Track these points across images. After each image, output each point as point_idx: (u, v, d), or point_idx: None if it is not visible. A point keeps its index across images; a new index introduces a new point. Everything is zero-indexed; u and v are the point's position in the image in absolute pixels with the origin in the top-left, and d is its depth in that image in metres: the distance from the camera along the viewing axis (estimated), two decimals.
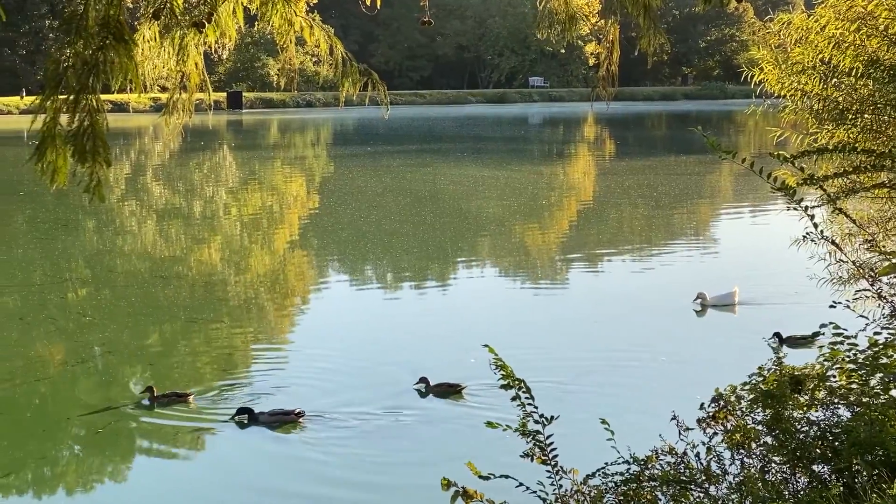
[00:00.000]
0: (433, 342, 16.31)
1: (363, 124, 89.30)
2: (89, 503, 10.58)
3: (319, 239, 28.04)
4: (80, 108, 6.72)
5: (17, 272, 22.24)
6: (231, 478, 11.00)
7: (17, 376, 14.25)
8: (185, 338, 16.89)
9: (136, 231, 29.35)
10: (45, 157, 6.77)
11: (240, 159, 55.96)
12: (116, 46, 6.62)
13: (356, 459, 11.42)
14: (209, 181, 44.24)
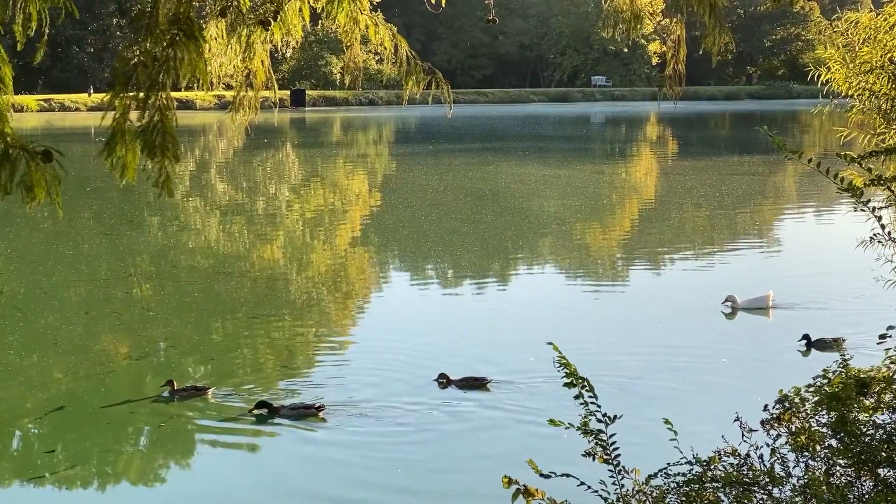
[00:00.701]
0: (492, 341, 16.27)
1: (425, 122, 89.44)
2: (151, 496, 10.68)
3: (380, 237, 28.13)
4: (151, 104, 6.80)
5: (84, 267, 22.56)
6: (289, 474, 11.06)
7: (82, 370, 14.45)
8: (246, 333, 17.02)
9: (200, 227, 29.65)
10: (114, 153, 6.86)
11: (302, 157, 56.33)
12: (186, 43, 6.69)
13: (410, 458, 11.43)
14: (272, 178, 44.57)
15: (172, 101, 6.84)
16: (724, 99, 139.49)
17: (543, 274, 22.76)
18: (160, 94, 6.77)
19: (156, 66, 6.73)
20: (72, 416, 12.55)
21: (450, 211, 32.40)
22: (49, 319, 17.53)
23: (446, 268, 23.63)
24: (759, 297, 18.19)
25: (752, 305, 18.07)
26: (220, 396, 13.32)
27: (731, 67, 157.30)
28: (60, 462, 11.22)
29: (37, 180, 6.38)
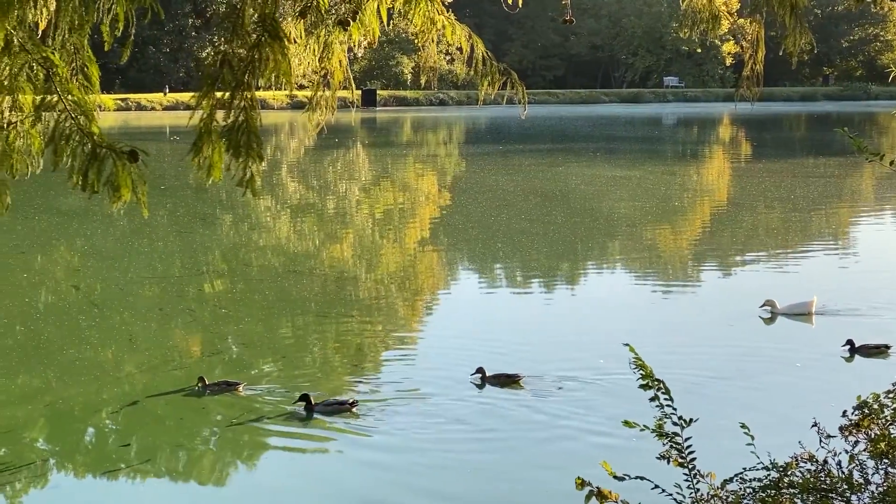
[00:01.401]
0: (561, 341, 16.20)
1: (495, 123, 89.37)
2: (221, 492, 10.77)
3: (449, 237, 28.14)
4: (236, 104, 6.87)
5: (158, 264, 22.84)
6: (352, 476, 11.08)
7: (156, 365, 14.63)
8: (316, 331, 17.12)
9: (271, 226, 29.89)
10: (201, 153, 6.95)
11: (373, 156, 56.57)
12: (272, 44, 6.76)
13: (478, 458, 11.41)
14: (342, 178, 44.82)
15: (257, 101, 6.92)
16: (799, 100, 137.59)
17: (613, 275, 22.61)
18: (245, 95, 6.85)
19: (242, 66, 6.81)
20: (145, 411, 12.70)
21: (519, 211, 32.32)
22: (124, 316, 17.78)
23: (515, 268, 23.58)
24: (800, 303, 17.86)
25: (792, 311, 17.74)
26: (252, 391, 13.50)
27: (808, 68, 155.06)
28: (134, 456, 11.36)
29: (123, 180, 6.48)
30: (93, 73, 6.79)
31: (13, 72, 6.39)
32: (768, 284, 20.56)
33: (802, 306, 17.78)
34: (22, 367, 14.45)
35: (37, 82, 6.51)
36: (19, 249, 24.18)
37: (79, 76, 6.69)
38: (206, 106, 6.95)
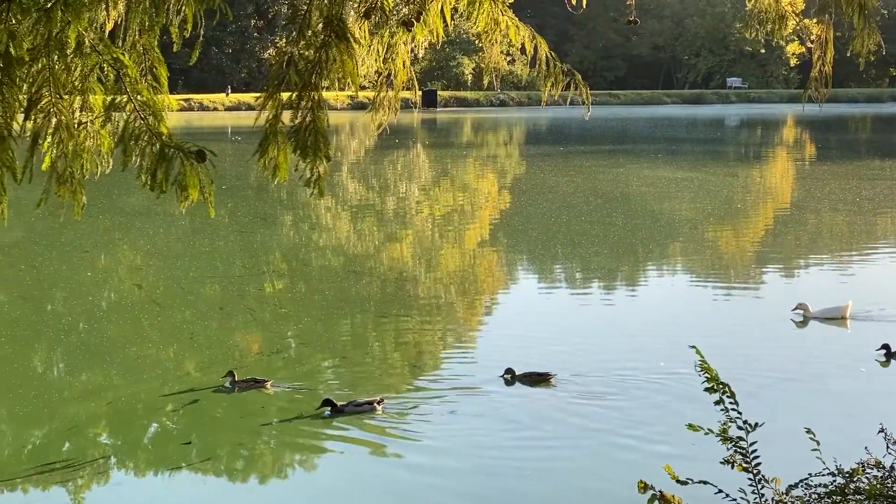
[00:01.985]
0: (621, 344, 16.09)
1: (556, 124, 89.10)
2: (280, 491, 10.79)
3: (509, 237, 28.08)
4: (303, 105, 6.90)
5: (219, 264, 23.03)
6: (409, 475, 11.06)
7: (216, 364, 14.72)
8: (375, 332, 17.15)
9: (331, 226, 30.03)
10: (267, 153, 6.99)
11: (433, 157, 56.64)
12: (338, 44, 6.78)
13: (535, 459, 11.35)
14: (402, 178, 44.92)
15: (324, 101, 6.94)
16: (865, 101, 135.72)
17: (673, 277, 22.43)
18: (313, 95, 6.88)
19: (309, 67, 6.84)
20: (206, 410, 12.79)
21: (579, 213, 32.18)
22: (185, 314, 17.94)
23: (574, 269, 23.46)
24: (834, 307, 17.61)
25: (825, 315, 17.50)
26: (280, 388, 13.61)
27: (874, 69, 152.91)
28: (195, 454, 11.44)
29: (191, 180, 6.53)
30: (161, 73, 6.86)
31: (84, 72, 6.46)
32: (831, 287, 20.27)
33: (836, 310, 17.57)
34: (85, 364, 14.62)
35: (107, 83, 6.58)
36: (83, 248, 24.50)
37: (148, 77, 6.76)
38: (272, 107, 7.00)
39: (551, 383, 13.83)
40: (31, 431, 12.15)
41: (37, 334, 16.70)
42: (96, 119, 6.61)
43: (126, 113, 6.58)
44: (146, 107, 6.57)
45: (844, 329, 17.14)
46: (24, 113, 6.37)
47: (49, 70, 6.34)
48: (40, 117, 6.40)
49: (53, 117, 6.41)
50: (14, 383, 13.78)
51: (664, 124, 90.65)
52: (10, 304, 18.48)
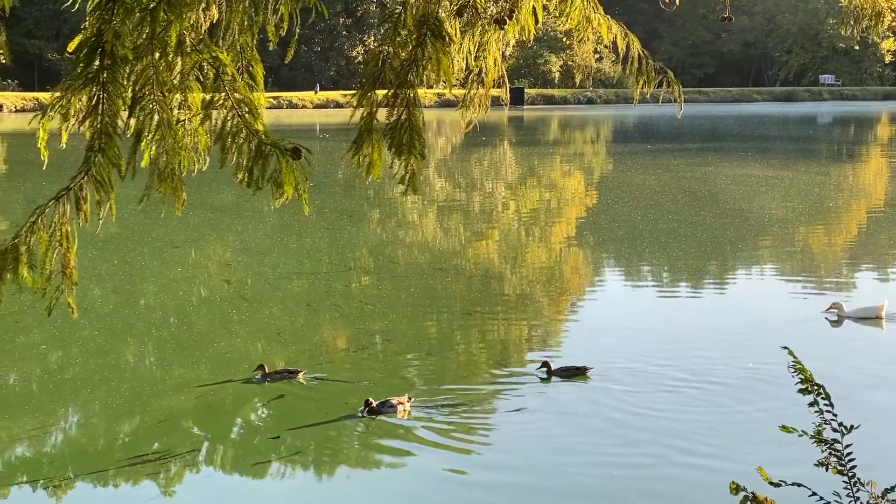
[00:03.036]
0: (709, 344, 15.91)
1: (644, 121, 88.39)
2: (367, 487, 10.84)
3: (595, 236, 27.93)
4: (399, 102, 6.96)
5: (306, 260, 23.27)
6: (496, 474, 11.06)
7: (303, 360, 14.88)
8: (461, 329, 17.19)
9: (418, 223, 30.15)
10: (361, 151, 7.06)
11: (519, 155, 56.58)
12: (434, 42, 6.82)
13: (624, 460, 11.27)
14: (489, 176, 44.93)
15: (419, 99, 6.99)
16: None
17: (762, 277, 22.12)
18: (408, 92, 6.93)
19: (404, 65, 6.90)
20: (294, 404, 12.92)
21: (666, 211, 31.89)
22: (273, 310, 18.15)
23: (662, 269, 23.26)
24: (869, 307, 17.41)
25: (860, 315, 17.30)
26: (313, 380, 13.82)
27: None
28: (283, 449, 11.55)
29: (286, 177, 6.62)
30: (258, 71, 6.97)
31: (185, 71, 6.59)
32: None
33: (871, 310, 17.36)
34: (176, 358, 14.87)
35: (206, 81, 6.69)
36: (174, 244, 24.92)
37: (244, 75, 6.86)
38: (367, 104, 7.06)
39: (587, 377, 13.87)
40: (123, 423, 12.39)
41: (129, 328, 17.04)
42: (194, 117, 6.73)
43: (224, 111, 6.69)
44: (243, 104, 6.67)
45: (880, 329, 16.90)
46: (128, 110, 6.51)
47: (152, 68, 6.47)
48: (143, 115, 6.54)
49: (155, 115, 6.53)
50: (107, 376, 14.07)
51: (754, 122, 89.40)
52: (103, 299, 18.86)
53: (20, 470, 11.06)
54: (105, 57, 6.33)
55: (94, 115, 6.43)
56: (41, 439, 11.86)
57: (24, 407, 12.93)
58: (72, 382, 14.02)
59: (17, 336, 16.26)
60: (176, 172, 6.68)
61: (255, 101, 6.74)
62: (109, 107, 6.43)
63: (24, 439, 11.83)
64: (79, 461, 11.21)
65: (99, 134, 6.46)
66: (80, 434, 12.17)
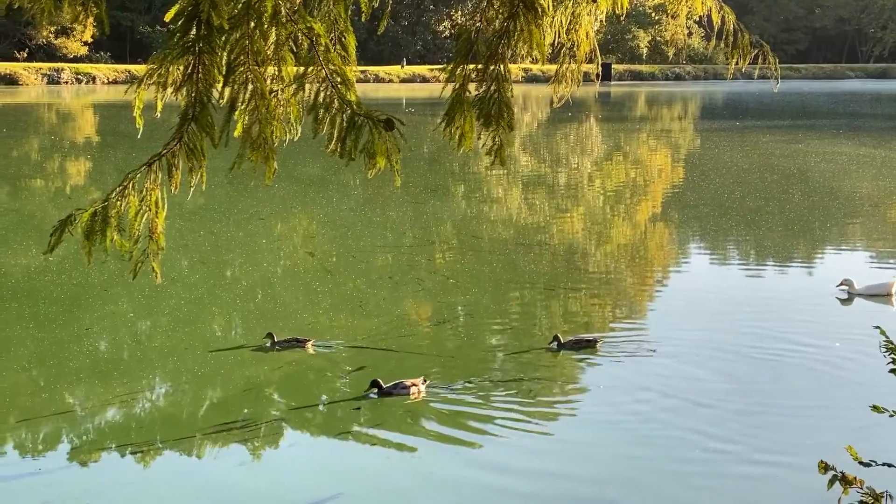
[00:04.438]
0: (796, 324, 15.66)
1: (732, 98, 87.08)
2: (447, 461, 10.84)
3: (680, 213, 27.64)
4: (489, 75, 6.97)
5: (389, 234, 23.38)
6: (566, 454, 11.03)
7: (385, 332, 14.97)
8: (543, 305, 17.14)
9: (502, 198, 30.09)
10: (453, 123, 7.07)
11: (605, 131, 56.15)
12: (526, 14, 6.79)
13: (711, 440, 11.17)
14: (574, 152, 44.69)
15: (510, 72, 6.98)
16: None
17: (852, 257, 21.70)
18: (499, 65, 6.92)
19: (496, 37, 6.89)
20: (374, 376, 13.00)
21: (754, 189, 31.44)
22: (356, 283, 18.27)
23: (748, 247, 22.94)
24: (879, 284, 17.26)
25: (870, 291, 17.13)
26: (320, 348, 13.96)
27: None
28: (364, 419, 11.63)
29: (379, 148, 6.65)
30: (350, 43, 6.99)
31: (279, 41, 6.65)
32: None
33: (882, 287, 17.17)
34: (260, 328, 15.05)
35: (300, 51, 6.74)
36: (259, 216, 25.19)
37: (337, 46, 6.88)
38: (459, 77, 7.06)
39: (597, 349, 13.92)
40: (208, 391, 12.59)
41: (214, 298, 17.28)
42: (287, 88, 6.78)
43: (318, 82, 6.72)
44: (336, 75, 6.70)
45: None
46: (223, 79, 6.58)
47: (247, 38, 6.53)
48: (237, 84, 6.60)
49: (249, 84, 6.60)
50: (193, 344, 14.30)
51: (846, 99, 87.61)
52: (190, 269, 19.15)
53: (110, 435, 11.31)
54: (201, 26, 6.41)
55: (189, 84, 6.52)
56: (130, 405, 12.10)
57: (114, 373, 13.19)
58: (159, 350, 14.27)
59: (106, 305, 16.59)
60: (268, 142, 6.74)
61: (347, 72, 6.77)
62: (204, 76, 6.52)
63: (113, 405, 12.08)
64: (166, 427, 11.42)
65: (193, 102, 6.55)
66: (167, 401, 12.39)
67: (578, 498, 9.77)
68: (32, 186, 32.60)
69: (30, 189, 31.99)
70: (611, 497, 9.76)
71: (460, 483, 10.07)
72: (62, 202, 28.66)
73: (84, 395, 12.42)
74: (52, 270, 18.55)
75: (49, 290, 17.21)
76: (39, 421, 11.51)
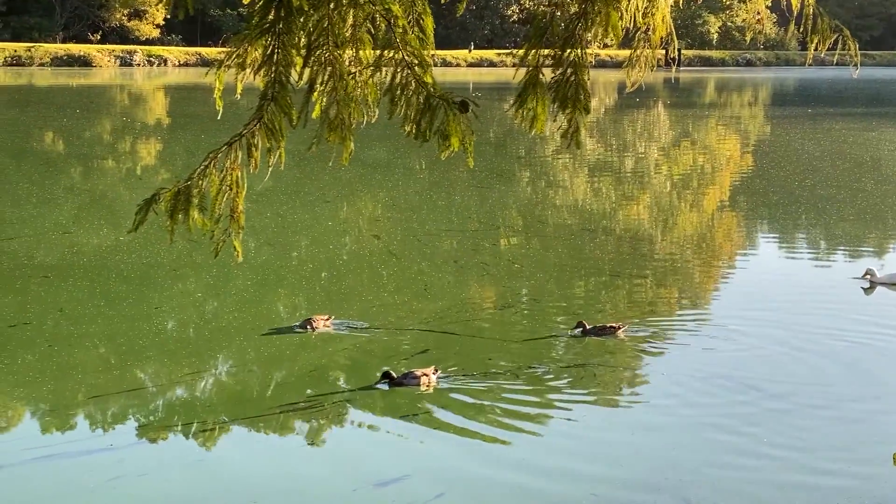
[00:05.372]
0: (867, 314, 15.43)
1: (804, 85, 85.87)
2: (520, 446, 10.83)
3: (749, 201, 27.34)
4: (564, 59, 6.94)
5: (455, 218, 23.39)
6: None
7: (449, 316, 14.99)
8: (608, 291, 17.06)
9: (568, 184, 29.97)
10: (526, 104, 7.06)
11: (673, 117, 55.66)
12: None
13: (780, 432, 11.05)
14: (642, 138, 44.36)
15: (587, 55, 6.94)
16: None
17: None
18: (576, 50, 6.89)
19: (573, 20, 6.86)
20: (437, 359, 13.03)
21: (825, 177, 31.01)
22: (421, 266, 18.32)
23: (818, 236, 22.64)
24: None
25: (892, 280, 16.95)
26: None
27: None
28: (428, 403, 11.64)
29: (453, 129, 6.67)
30: (427, 25, 7.00)
31: (357, 22, 6.68)
32: None
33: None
34: (325, 310, 15.13)
35: (378, 32, 6.77)
36: (325, 199, 25.33)
37: (415, 28, 6.90)
38: (533, 59, 7.04)
39: (620, 336, 13.81)
40: (273, 372, 12.69)
41: (280, 279, 17.43)
42: (365, 69, 6.81)
43: (395, 63, 6.75)
44: (414, 57, 6.72)
45: None
46: (302, 60, 6.64)
47: (327, 19, 6.57)
48: (317, 66, 6.65)
49: (328, 66, 6.64)
50: (259, 325, 14.42)
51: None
52: (256, 250, 19.32)
53: (177, 413, 11.46)
54: (281, 8, 6.46)
55: (269, 65, 6.59)
56: (196, 384, 12.25)
57: (181, 352, 13.36)
58: (226, 330, 14.43)
59: (175, 284, 16.80)
60: (346, 123, 6.78)
61: (424, 54, 6.79)
62: (284, 57, 6.58)
63: (180, 383, 12.24)
64: (232, 406, 11.54)
65: (272, 83, 6.62)
66: (233, 381, 12.52)
67: (653, 483, 9.73)
68: (104, 167, 33.08)
69: (102, 169, 32.46)
70: (686, 479, 9.69)
71: (531, 467, 10.05)
72: (133, 183, 29.06)
73: (152, 373, 12.59)
74: (123, 249, 18.84)
75: (120, 269, 17.47)
76: (109, 398, 11.69)
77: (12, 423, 11.19)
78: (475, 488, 9.59)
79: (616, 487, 9.60)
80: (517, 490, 9.56)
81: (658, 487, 9.58)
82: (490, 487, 9.61)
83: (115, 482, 9.61)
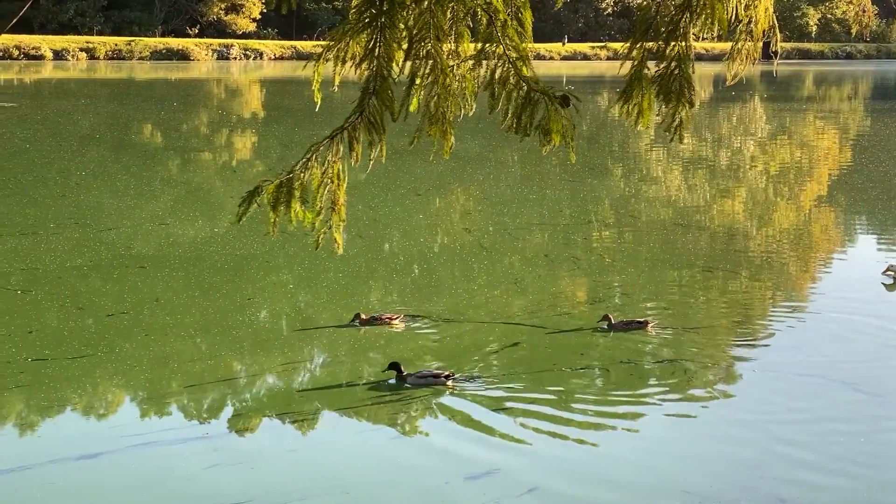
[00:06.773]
0: None
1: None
2: (606, 442, 10.78)
3: (847, 196, 26.82)
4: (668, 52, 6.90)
5: (546, 211, 23.31)
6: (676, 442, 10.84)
7: (539, 310, 14.97)
8: (701, 286, 16.88)
9: (661, 178, 29.69)
10: (631, 99, 7.03)
11: (770, 111, 54.81)
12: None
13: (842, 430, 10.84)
14: (737, 132, 43.75)
15: (691, 49, 6.90)
16: None
17: None
18: (679, 43, 6.84)
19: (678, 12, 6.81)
20: (525, 353, 13.01)
21: None
22: (512, 259, 18.30)
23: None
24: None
25: None
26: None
27: None
28: (517, 396, 11.64)
29: (555, 124, 6.65)
30: (526, 18, 7.00)
31: (457, 16, 6.70)
32: None
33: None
34: (416, 302, 15.21)
35: (479, 27, 6.78)
36: (417, 192, 25.43)
37: (514, 22, 6.89)
38: (638, 53, 7.00)
39: (649, 331, 13.71)
40: (365, 363, 12.78)
41: (372, 272, 17.54)
42: (464, 63, 6.83)
43: (495, 57, 6.75)
44: (514, 51, 6.72)
45: None
46: (404, 54, 6.67)
47: (429, 13, 6.59)
48: (419, 59, 6.68)
49: (430, 59, 6.66)
50: (348, 317, 14.50)
51: None
52: (349, 242, 19.45)
53: (270, 402, 11.60)
54: (384, 2, 6.50)
55: (371, 59, 6.63)
56: (289, 375, 12.39)
57: (275, 342, 13.52)
58: (317, 322, 14.57)
59: (267, 276, 17.00)
60: (447, 116, 6.80)
61: (524, 48, 6.78)
62: (385, 50, 6.62)
63: (274, 373, 12.40)
64: (324, 397, 11.64)
65: (374, 76, 6.66)
66: (326, 371, 12.64)
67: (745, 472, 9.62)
68: (200, 159, 33.60)
69: (198, 162, 32.98)
70: (782, 478, 9.57)
71: (622, 463, 10.01)
72: (228, 175, 29.48)
73: (246, 363, 12.77)
74: (217, 241, 19.13)
75: (214, 260, 17.74)
76: (204, 387, 11.88)
77: (110, 411, 11.43)
78: (566, 484, 9.55)
79: (708, 485, 9.50)
80: (608, 486, 9.51)
81: (753, 487, 9.46)
82: (581, 483, 9.57)
83: (211, 470, 9.76)
